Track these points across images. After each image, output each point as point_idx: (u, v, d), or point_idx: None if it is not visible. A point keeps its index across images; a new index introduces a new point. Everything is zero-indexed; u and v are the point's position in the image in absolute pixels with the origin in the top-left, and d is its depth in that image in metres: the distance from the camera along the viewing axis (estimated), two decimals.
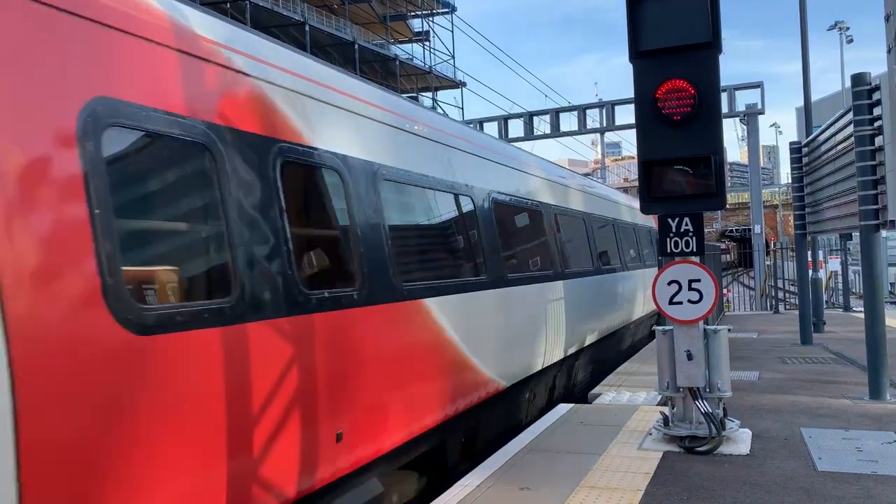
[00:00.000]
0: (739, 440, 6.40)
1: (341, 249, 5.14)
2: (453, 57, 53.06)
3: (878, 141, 7.88)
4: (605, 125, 34.26)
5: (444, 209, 6.86)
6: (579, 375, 11.40)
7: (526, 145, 30.09)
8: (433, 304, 6.06)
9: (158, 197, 3.84)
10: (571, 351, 10.31)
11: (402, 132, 6.25)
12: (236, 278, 3.98)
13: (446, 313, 6.28)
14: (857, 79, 8.18)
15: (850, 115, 8.40)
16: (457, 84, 53.83)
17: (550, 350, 9.24)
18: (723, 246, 48.19)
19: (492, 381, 7.31)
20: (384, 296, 5.33)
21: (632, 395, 8.82)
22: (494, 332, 7.45)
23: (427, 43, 53.05)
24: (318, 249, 4.89)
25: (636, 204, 8.62)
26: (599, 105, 34.66)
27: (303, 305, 4.45)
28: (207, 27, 4.21)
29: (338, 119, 5.24)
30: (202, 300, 3.88)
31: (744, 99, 30.38)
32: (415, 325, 5.81)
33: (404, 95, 8.13)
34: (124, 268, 3.36)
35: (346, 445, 4.78)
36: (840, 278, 24.15)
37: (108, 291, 3.21)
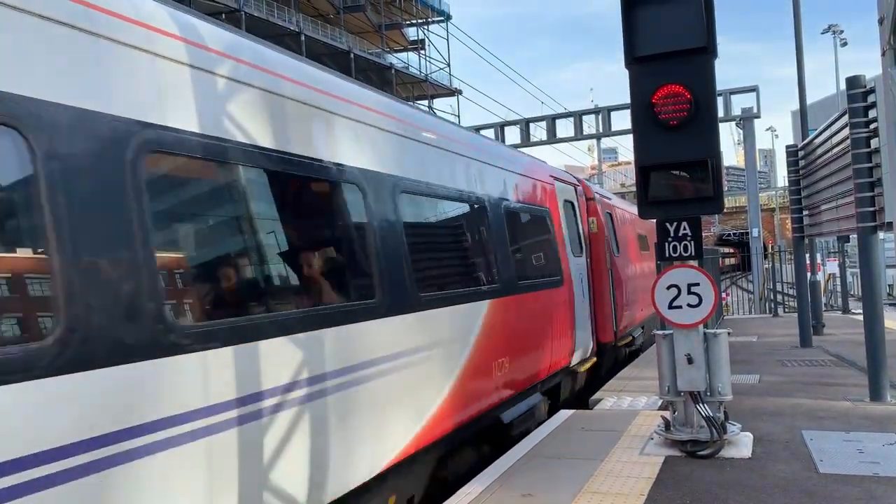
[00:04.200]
0: (741, 443, 6.40)
1: None
2: (449, 65, 53.27)
3: (874, 143, 7.90)
4: (601, 131, 34.35)
5: None
6: None
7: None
8: None
9: None
10: None
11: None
12: None
13: None
14: (852, 81, 8.21)
15: (845, 118, 8.42)
16: (453, 92, 53.98)
17: None
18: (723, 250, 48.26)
19: None
20: None
21: (633, 399, 8.82)
22: None
23: (422, 51, 53.26)
24: None
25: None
26: (595, 111, 34.73)
27: None
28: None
29: None
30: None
31: (739, 103, 30.36)
32: None
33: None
34: None
35: None
36: (838, 280, 24.17)
37: None
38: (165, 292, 3.62)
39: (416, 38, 53.68)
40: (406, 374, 5.65)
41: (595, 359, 11.35)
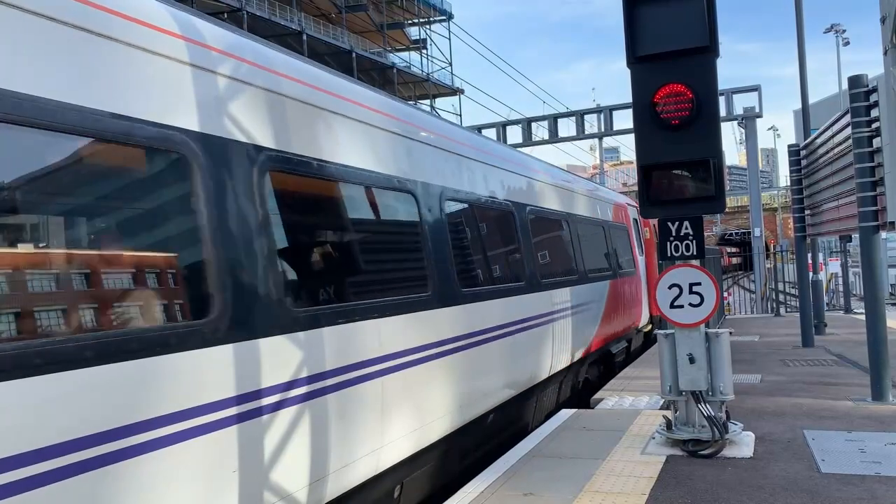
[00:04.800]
0: (742, 443, 6.40)
1: None
2: (451, 64, 53.25)
3: (877, 142, 7.89)
4: (603, 130, 34.34)
5: None
6: None
7: (525, 151, 30.08)
8: None
9: None
10: None
11: None
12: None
13: None
14: (854, 81, 8.20)
15: (847, 117, 8.41)
16: (455, 91, 53.97)
17: None
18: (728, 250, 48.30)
19: None
20: None
21: (634, 399, 8.82)
22: None
23: (424, 51, 53.25)
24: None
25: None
26: (597, 110, 34.72)
27: None
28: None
29: None
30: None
31: (741, 102, 30.61)
32: None
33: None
34: None
35: None
36: (840, 280, 24.14)
37: None
38: None
39: (418, 37, 53.68)
40: (585, 314, 10.51)
41: (651, 325, 16.15)
